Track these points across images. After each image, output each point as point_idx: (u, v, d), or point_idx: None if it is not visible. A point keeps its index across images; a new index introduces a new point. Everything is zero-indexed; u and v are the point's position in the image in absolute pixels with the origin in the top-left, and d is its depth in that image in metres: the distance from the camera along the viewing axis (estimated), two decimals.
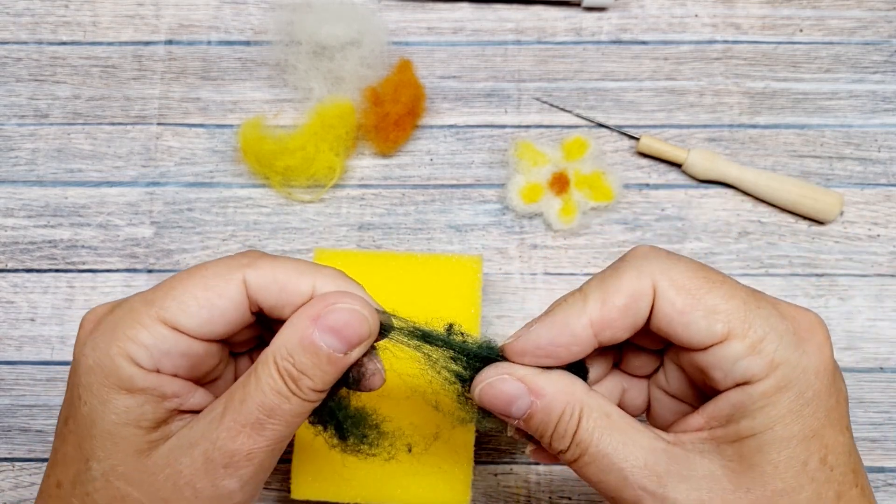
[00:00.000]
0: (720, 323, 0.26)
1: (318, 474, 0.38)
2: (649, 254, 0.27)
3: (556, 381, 0.28)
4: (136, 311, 0.27)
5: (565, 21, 0.51)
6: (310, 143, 0.46)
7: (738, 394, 0.26)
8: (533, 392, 0.28)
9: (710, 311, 0.26)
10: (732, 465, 0.26)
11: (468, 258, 0.41)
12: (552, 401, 0.27)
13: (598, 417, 0.27)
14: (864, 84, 0.49)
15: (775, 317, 0.26)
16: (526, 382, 0.28)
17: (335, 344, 0.27)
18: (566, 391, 0.27)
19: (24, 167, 0.48)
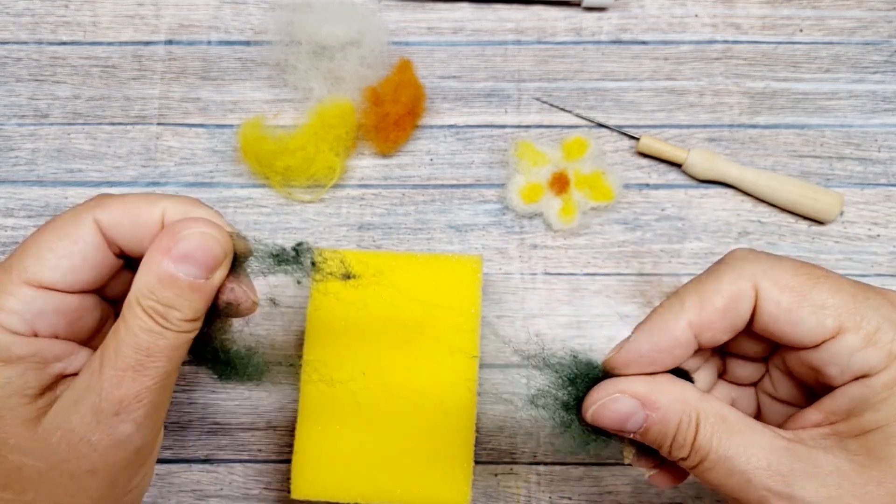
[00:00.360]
0: (830, 318, 0.25)
1: (317, 474, 0.39)
2: (748, 256, 0.27)
3: (669, 392, 0.27)
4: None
5: (565, 21, 0.51)
6: (310, 143, 0.46)
7: (857, 387, 0.25)
8: (647, 406, 0.27)
9: (818, 307, 0.25)
10: (860, 459, 0.25)
11: (468, 258, 0.41)
12: (667, 412, 0.27)
13: (715, 422, 0.27)
14: (864, 84, 0.49)
15: (886, 306, 0.25)
16: (639, 398, 0.27)
17: (192, 271, 0.27)
18: (680, 399, 0.27)
19: (24, 167, 0.48)
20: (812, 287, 0.26)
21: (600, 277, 0.46)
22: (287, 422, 0.44)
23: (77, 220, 0.28)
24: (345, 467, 0.38)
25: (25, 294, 0.27)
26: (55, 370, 0.28)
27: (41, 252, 0.27)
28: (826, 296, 0.26)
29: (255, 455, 0.43)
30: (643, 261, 0.46)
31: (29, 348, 0.27)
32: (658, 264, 0.46)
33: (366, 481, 0.38)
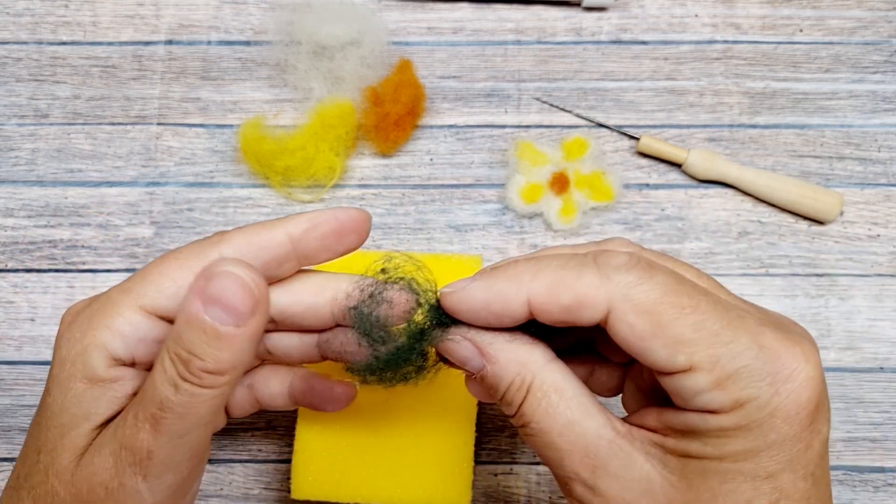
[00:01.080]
0: (683, 355, 0.23)
1: (317, 474, 0.38)
2: (621, 264, 0.25)
3: (511, 350, 0.26)
4: (113, 301, 0.26)
5: (565, 21, 0.51)
6: (310, 143, 0.46)
7: (695, 417, 0.24)
8: (485, 356, 0.27)
9: (673, 341, 0.23)
10: (672, 479, 0.25)
11: (468, 258, 0.41)
12: (502, 370, 0.26)
13: (547, 394, 0.26)
14: (864, 84, 0.49)
15: (752, 352, 0.23)
16: (479, 347, 0.27)
17: (222, 317, 0.24)
18: (519, 361, 0.26)
19: (23, 167, 0.48)
20: (675, 317, 0.24)
21: None
22: (287, 422, 0.44)
23: (201, 253, 0.27)
24: (345, 467, 0.38)
25: (135, 318, 0.26)
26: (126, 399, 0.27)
27: (161, 280, 0.26)
28: (687, 330, 0.23)
29: (255, 455, 0.43)
30: None
31: (114, 374, 0.26)
32: None
33: (366, 481, 0.38)
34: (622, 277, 0.24)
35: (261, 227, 0.28)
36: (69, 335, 0.27)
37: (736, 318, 0.24)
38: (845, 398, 0.44)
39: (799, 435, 0.24)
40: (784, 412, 0.23)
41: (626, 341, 0.24)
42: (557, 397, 0.26)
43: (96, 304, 0.27)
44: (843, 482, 0.43)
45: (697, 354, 0.23)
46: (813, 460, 0.24)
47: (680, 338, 0.23)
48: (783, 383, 0.23)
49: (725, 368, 0.23)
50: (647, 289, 0.24)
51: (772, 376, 0.23)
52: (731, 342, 0.23)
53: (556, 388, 0.26)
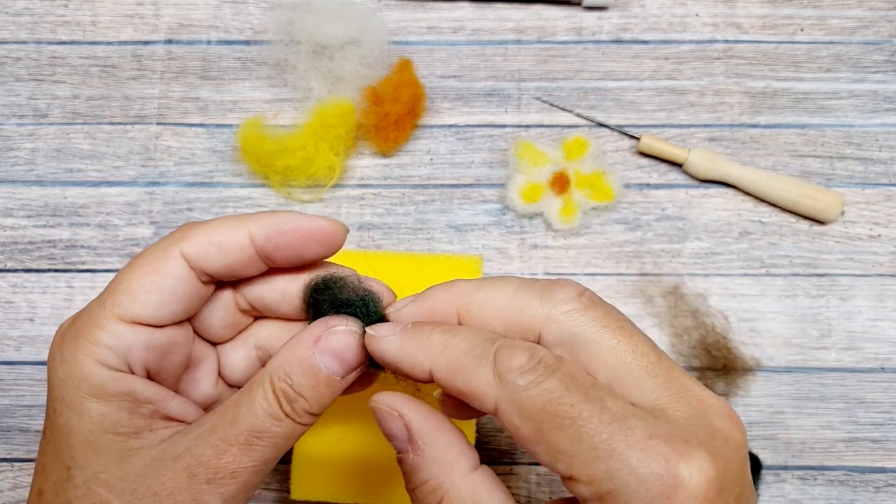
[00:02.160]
0: (562, 464, 0.23)
1: (317, 475, 0.38)
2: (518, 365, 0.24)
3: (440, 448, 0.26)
4: (92, 316, 0.27)
5: (566, 20, 0.51)
6: (309, 143, 0.46)
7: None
8: (413, 446, 0.26)
9: (553, 450, 0.23)
10: None
11: (468, 258, 0.41)
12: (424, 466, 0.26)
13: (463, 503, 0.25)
14: (865, 84, 0.49)
15: (627, 470, 0.23)
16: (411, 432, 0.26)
17: (335, 367, 0.27)
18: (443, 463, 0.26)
19: (23, 167, 0.48)
20: (553, 429, 0.23)
21: (601, 277, 0.46)
22: None
23: (164, 253, 0.27)
24: (344, 468, 0.38)
25: (117, 329, 0.27)
26: (147, 410, 0.28)
27: (132, 287, 0.27)
28: (564, 442, 0.23)
29: None
30: (644, 261, 0.46)
31: (122, 386, 0.27)
32: (659, 264, 0.46)
33: (365, 482, 0.38)
34: (513, 379, 0.24)
35: (223, 224, 0.28)
36: (61, 356, 0.27)
37: (619, 431, 0.23)
38: (846, 398, 0.44)
39: None
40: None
41: (514, 438, 0.25)
42: None
43: (79, 321, 0.28)
44: (844, 483, 0.43)
45: (575, 467, 0.23)
46: None
47: (559, 447, 0.23)
48: (662, 501, 0.23)
49: (603, 485, 0.23)
50: (533, 395, 0.24)
51: (649, 495, 0.23)
52: (608, 458, 0.23)
53: (472, 501, 0.25)
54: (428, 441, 0.26)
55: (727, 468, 0.23)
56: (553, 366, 0.25)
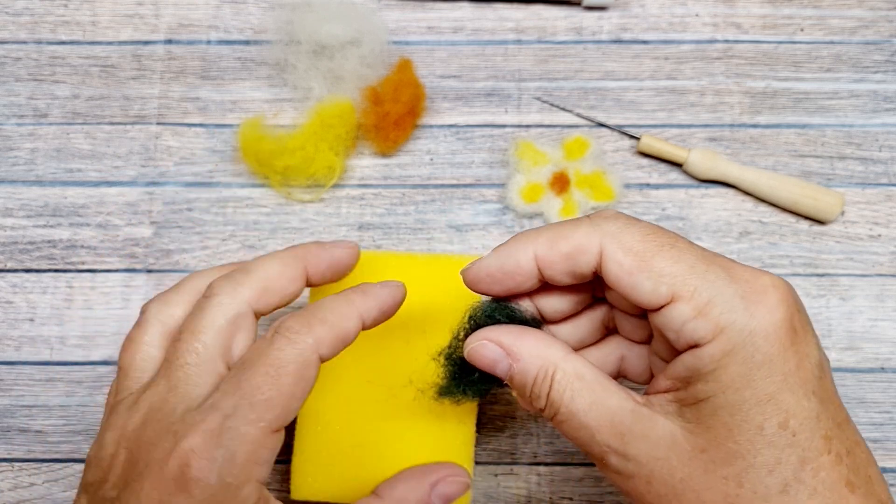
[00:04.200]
0: (664, 285, 0.26)
1: (317, 475, 0.38)
2: (609, 216, 0.28)
3: (533, 345, 0.29)
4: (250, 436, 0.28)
5: (566, 20, 0.51)
6: (309, 143, 0.46)
7: (690, 356, 0.26)
8: (510, 356, 0.30)
9: (655, 274, 0.26)
10: (690, 427, 0.27)
11: (469, 259, 0.41)
12: (527, 364, 0.29)
13: (571, 380, 0.28)
14: (866, 84, 0.49)
15: (723, 280, 0.26)
16: (503, 347, 0.30)
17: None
18: (541, 355, 0.29)
19: (23, 167, 0.48)
20: (655, 254, 0.27)
21: None
22: None
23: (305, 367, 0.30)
24: (344, 468, 0.38)
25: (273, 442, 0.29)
26: None
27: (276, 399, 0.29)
28: (666, 263, 0.26)
29: None
30: None
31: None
32: None
33: (365, 482, 0.38)
34: (610, 225, 0.28)
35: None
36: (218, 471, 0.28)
37: (710, 255, 0.27)
38: (846, 398, 0.44)
39: (784, 354, 0.25)
40: (762, 332, 0.25)
41: (616, 279, 0.27)
42: (580, 383, 0.28)
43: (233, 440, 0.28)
44: None
45: (677, 285, 0.26)
46: (809, 380, 0.26)
47: (661, 270, 0.26)
48: (756, 305, 0.26)
49: (703, 296, 0.26)
50: (633, 231, 0.27)
51: (745, 300, 0.26)
52: (706, 271, 0.26)
53: (578, 375, 0.28)
54: (522, 346, 0.30)
55: (797, 298, 0.27)
56: (635, 218, 0.29)
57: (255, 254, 0.46)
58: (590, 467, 0.43)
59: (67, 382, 0.44)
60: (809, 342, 0.26)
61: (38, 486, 0.43)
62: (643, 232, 0.27)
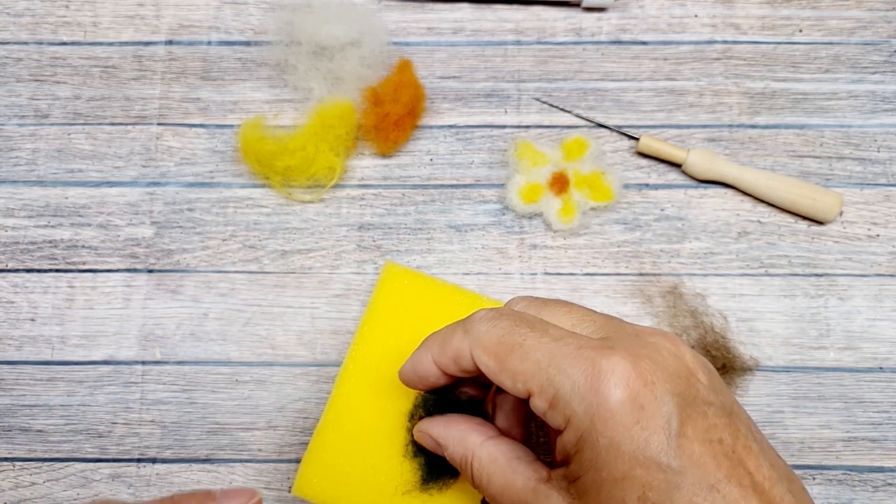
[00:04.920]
0: (520, 383, 0.29)
1: (323, 476, 0.38)
2: (477, 318, 0.31)
3: (455, 435, 0.33)
4: None
5: (565, 21, 0.51)
6: (310, 144, 0.46)
7: (559, 440, 0.29)
8: (440, 445, 0.34)
9: (511, 373, 0.29)
10: (575, 502, 0.29)
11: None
12: (453, 452, 0.33)
13: (486, 464, 0.32)
14: (864, 84, 0.50)
15: (566, 374, 0.28)
16: (433, 438, 0.34)
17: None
18: (462, 444, 0.33)
19: (24, 167, 0.48)
20: (507, 354, 0.29)
21: (600, 277, 0.46)
22: (287, 422, 0.44)
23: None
24: (351, 480, 0.38)
25: None
26: None
27: None
28: (516, 363, 0.29)
29: (255, 455, 0.43)
30: (643, 261, 0.46)
31: None
32: (658, 264, 0.46)
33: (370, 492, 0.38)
34: (476, 328, 0.31)
35: None
36: None
37: (556, 347, 0.29)
38: (844, 398, 0.44)
39: (628, 433, 0.26)
40: (601, 418, 0.27)
41: (489, 376, 0.30)
42: (493, 466, 0.32)
43: None
44: (843, 482, 0.43)
45: (529, 382, 0.29)
46: (662, 452, 0.26)
47: (514, 369, 0.29)
48: (592, 395, 0.27)
49: (549, 391, 0.28)
50: (491, 334, 0.30)
51: (587, 388, 0.27)
52: (548, 367, 0.28)
53: (491, 459, 0.32)
54: (447, 436, 0.34)
55: (657, 367, 0.27)
56: (506, 313, 0.31)
57: (256, 254, 0.47)
58: None
59: (68, 382, 0.45)
60: (658, 414, 0.26)
61: (39, 486, 0.43)
62: (500, 333, 0.30)
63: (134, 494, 0.43)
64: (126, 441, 0.44)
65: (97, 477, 0.43)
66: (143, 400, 0.44)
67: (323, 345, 0.45)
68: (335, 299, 0.46)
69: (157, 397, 0.44)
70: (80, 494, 0.43)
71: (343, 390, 0.40)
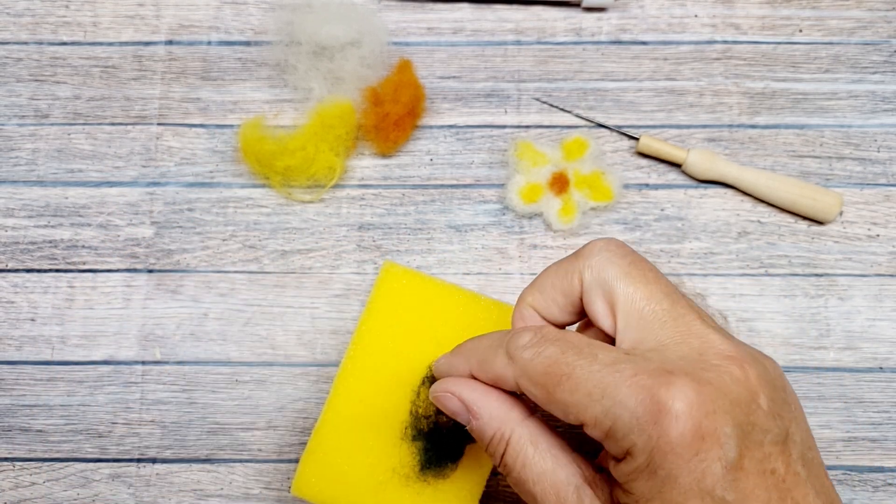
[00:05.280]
0: (572, 415, 0.27)
1: (322, 476, 0.38)
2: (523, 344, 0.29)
3: (494, 405, 0.30)
4: None
5: (565, 21, 0.51)
6: (310, 144, 0.46)
7: (613, 467, 0.27)
8: (470, 412, 0.31)
9: (562, 405, 0.27)
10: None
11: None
12: (485, 425, 0.30)
13: (525, 445, 0.29)
14: (864, 84, 0.50)
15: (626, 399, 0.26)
16: (465, 403, 0.31)
17: None
18: (499, 417, 0.30)
19: (24, 167, 0.48)
20: (555, 386, 0.27)
21: None
22: (287, 422, 0.44)
23: None
24: (349, 480, 0.38)
25: None
26: None
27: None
28: (565, 396, 0.27)
29: (255, 455, 0.43)
30: None
31: None
32: (657, 264, 0.46)
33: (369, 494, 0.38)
34: (520, 354, 0.29)
35: None
36: None
37: (608, 375, 0.27)
38: (844, 398, 0.44)
39: (687, 466, 0.25)
40: (660, 451, 0.25)
41: (537, 403, 0.29)
42: (532, 449, 0.29)
43: None
44: (843, 482, 0.43)
45: (582, 414, 0.27)
46: (718, 484, 0.25)
47: (563, 401, 0.27)
48: (652, 428, 0.25)
49: (604, 424, 0.26)
50: (537, 363, 0.28)
51: (650, 415, 0.25)
52: (601, 399, 0.26)
53: (532, 441, 0.29)
54: (481, 404, 0.30)
55: (718, 395, 0.26)
56: (552, 337, 0.29)
57: (256, 254, 0.47)
58: None
59: (68, 382, 0.45)
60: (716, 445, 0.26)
61: (39, 486, 0.43)
62: (546, 363, 0.28)
63: (134, 494, 0.43)
64: (126, 441, 0.44)
65: (97, 477, 0.43)
66: (143, 400, 0.44)
67: (323, 345, 0.45)
68: (335, 299, 0.46)
69: (157, 397, 0.44)
70: (80, 494, 0.43)
71: (341, 390, 0.40)
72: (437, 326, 0.40)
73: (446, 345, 0.40)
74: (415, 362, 0.40)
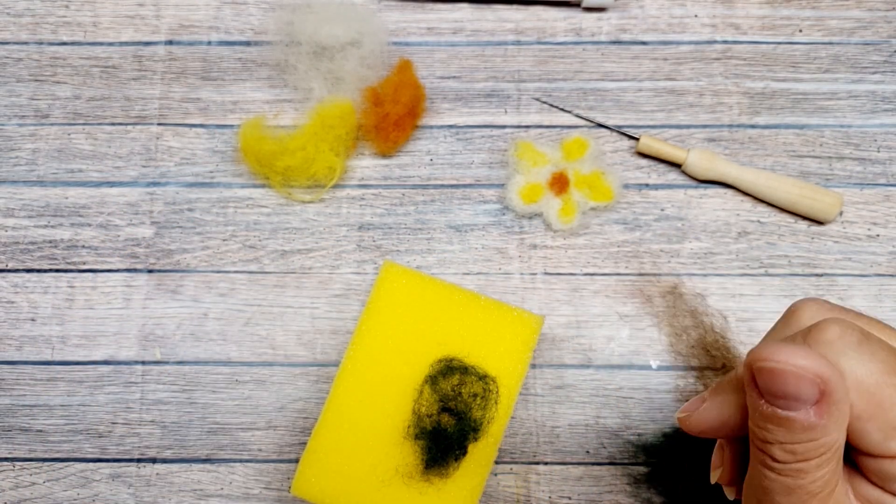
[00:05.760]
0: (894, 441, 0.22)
1: (322, 475, 0.39)
2: (835, 337, 0.23)
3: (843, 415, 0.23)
4: None
5: (565, 21, 0.51)
6: (310, 144, 0.46)
7: (874, 461, 0.23)
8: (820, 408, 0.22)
9: (891, 427, 0.22)
10: None
11: (529, 316, 0.41)
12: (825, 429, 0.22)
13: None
14: (864, 84, 0.50)
15: None
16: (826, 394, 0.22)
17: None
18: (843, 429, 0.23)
19: (24, 167, 0.48)
20: (892, 402, 0.22)
21: (600, 277, 0.46)
22: (287, 422, 0.44)
23: None
24: (349, 480, 0.38)
25: None
26: None
27: None
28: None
29: (255, 455, 0.43)
30: (643, 261, 0.46)
31: None
32: (657, 264, 0.46)
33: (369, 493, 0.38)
34: (842, 346, 0.23)
35: None
36: None
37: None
38: None
39: None
40: None
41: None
42: None
43: None
44: None
45: None
46: None
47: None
48: None
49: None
50: (869, 368, 0.22)
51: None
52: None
53: None
54: (839, 405, 0.22)
55: None
56: (873, 338, 0.23)
57: (256, 254, 0.47)
58: (589, 467, 0.43)
59: (68, 382, 0.45)
60: None
61: (39, 486, 0.43)
62: (881, 368, 0.22)
63: (134, 494, 0.43)
64: (126, 441, 0.44)
65: (97, 477, 0.43)
66: (143, 400, 0.44)
67: (323, 345, 0.45)
68: (335, 299, 0.46)
69: (157, 397, 0.44)
70: (80, 494, 0.43)
71: (341, 390, 0.40)
72: (437, 326, 0.40)
73: (446, 345, 0.40)
74: (415, 362, 0.40)
